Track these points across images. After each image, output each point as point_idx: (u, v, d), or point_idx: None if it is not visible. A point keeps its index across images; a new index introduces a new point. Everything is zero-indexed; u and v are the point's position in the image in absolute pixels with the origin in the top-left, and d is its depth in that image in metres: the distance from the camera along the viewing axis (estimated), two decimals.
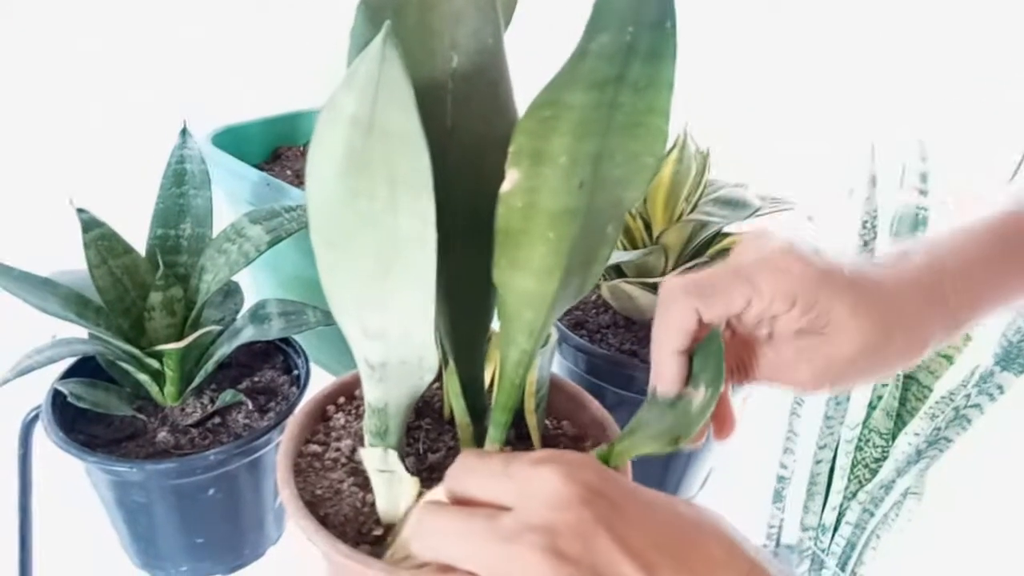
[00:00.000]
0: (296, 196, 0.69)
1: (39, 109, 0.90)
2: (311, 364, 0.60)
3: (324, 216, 0.29)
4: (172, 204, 0.58)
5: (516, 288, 0.33)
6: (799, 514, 0.69)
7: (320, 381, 0.50)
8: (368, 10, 0.32)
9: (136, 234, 0.56)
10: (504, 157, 0.30)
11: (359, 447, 0.42)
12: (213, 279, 0.54)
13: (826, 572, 0.68)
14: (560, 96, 0.29)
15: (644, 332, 0.66)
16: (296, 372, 0.61)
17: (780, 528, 0.70)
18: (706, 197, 0.63)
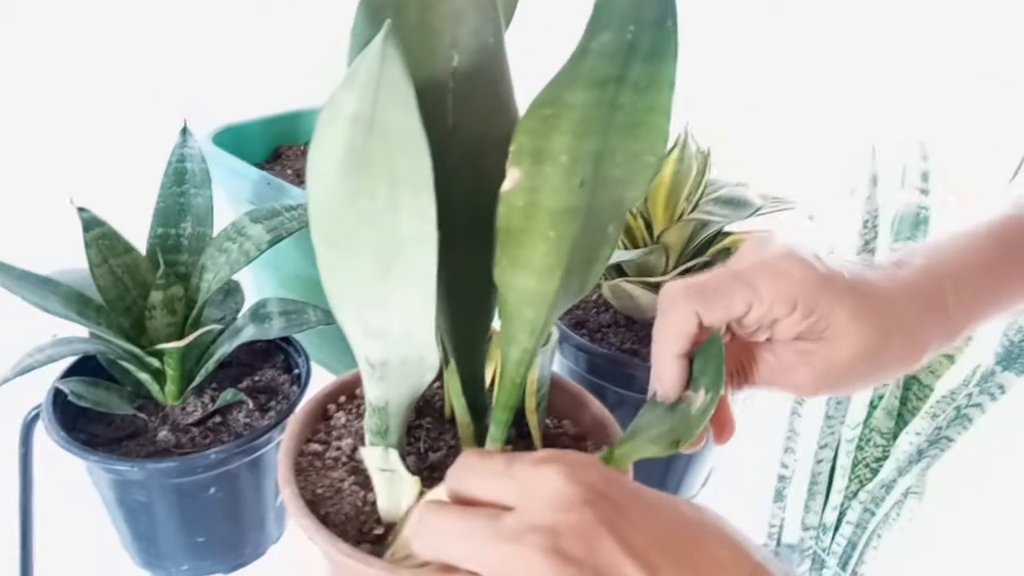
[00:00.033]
0: (297, 195, 0.69)
1: (40, 109, 0.90)
2: (312, 363, 0.60)
3: (325, 215, 0.28)
4: (173, 203, 0.58)
5: (517, 287, 0.33)
6: (800, 513, 0.69)
7: (321, 380, 0.50)
8: (369, 9, 0.32)
9: (137, 233, 0.56)
10: (505, 156, 0.30)
11: (360, 446, 0.42)
12: (214, 278, 0.54)
13: (827, 571, 0.68)
14: (561, 95, 0.29)
15: (645, 331, 0.66)
16: (297, 371, 0.61)
17: (781, 527, 0.70)
18: (707, 196, 0.63)
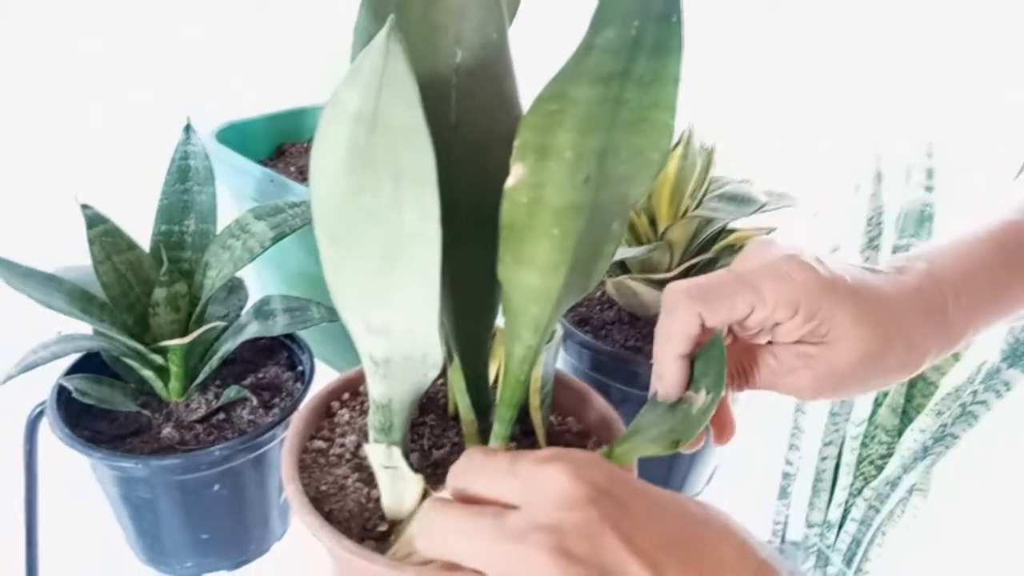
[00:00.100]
0: (300, 192, 0.69)
1: (42, 108, 0.90)
2: (315, 360, 0.60)
3: (328, 212, 0.28)
4: (176, 200, 0.58)
5: (521, 284, 0.33)
6: (804, 511, 0.69)
7: (324, 377, 0.50)
8: (372, 5, 0.32)
9: (140, 230, 0.56)
10: (509, 152, 0.30)
11: (363, 443, 0.42)
12: (217, 275, 0.54)
13: (831, 569, 0.68)
14: (565, 91, 0.29)
15: (648, 328, 0.66)
16: (300, 368, 0.60)
17: (785, 525, 0.70)
18: (711, 193, 0.63)
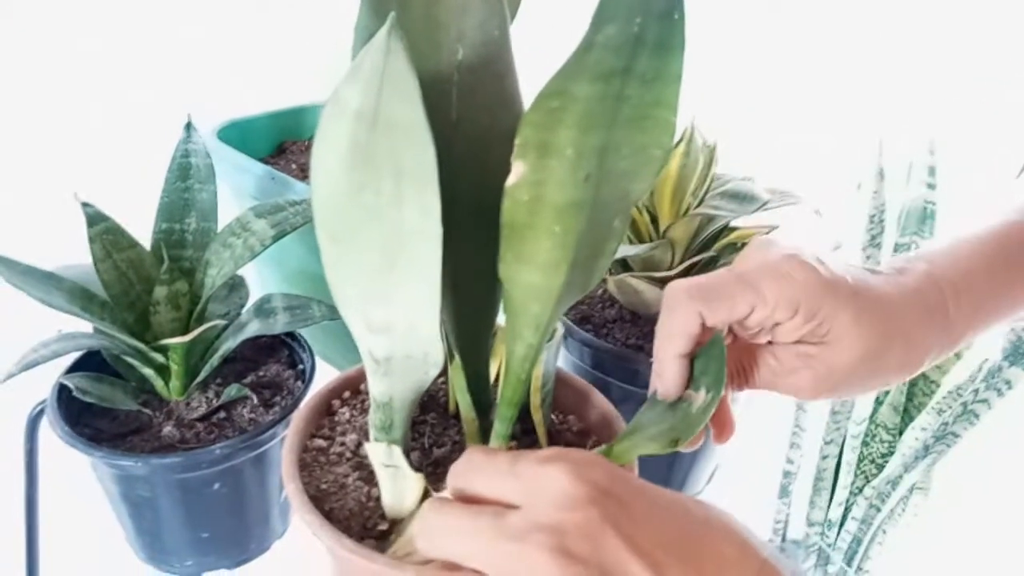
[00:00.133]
0: (301, 190, 0.69)
1: (43, 107, 0.90)
2: (316, 358, 0.60)
3: (329, 210, 0.28)
4: (177, 198, 0.58)
5: (522, 282, 0.33)
6: (805, 509, 0.69)
7: (325, 375, 0.50)
8: (373, 3, 0.32)
9: (141, 229, 0.56)
10: (510, 150, 0.30)
11: (364, 442, 0.42)
12: (218, 273, 0.54)
13: (832, 567, 0.68)
14: (566, 88, 0.29)
15: (650, 326, 0.66)
16: (301, 367, 0.60)
17: (786, 523, 0.70)
18: (713, 191, 0.62)
